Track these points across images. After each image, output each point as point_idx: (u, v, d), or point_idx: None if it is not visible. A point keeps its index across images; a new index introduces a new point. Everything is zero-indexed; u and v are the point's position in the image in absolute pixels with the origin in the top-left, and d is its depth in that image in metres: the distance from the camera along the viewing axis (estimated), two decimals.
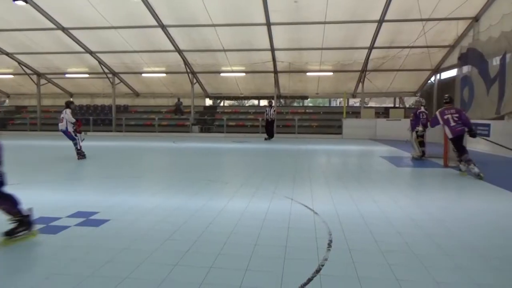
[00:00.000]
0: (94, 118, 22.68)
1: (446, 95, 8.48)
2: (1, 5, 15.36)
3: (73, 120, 10.08)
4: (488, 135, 12.27)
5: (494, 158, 10.13)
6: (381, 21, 15.20)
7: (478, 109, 13.84)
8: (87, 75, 22.35)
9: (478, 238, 3.76)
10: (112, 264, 3.07)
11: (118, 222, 4.21)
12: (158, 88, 23.76)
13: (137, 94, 24.78)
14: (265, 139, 17.24)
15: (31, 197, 5.40)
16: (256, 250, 3.38)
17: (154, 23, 16.28)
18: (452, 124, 7.61)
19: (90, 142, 13.84)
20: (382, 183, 6.82)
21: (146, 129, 21.97)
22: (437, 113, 8.02)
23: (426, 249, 3.43)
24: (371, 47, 17.29)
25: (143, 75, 22.05)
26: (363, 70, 19.34)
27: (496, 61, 12.63)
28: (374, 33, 16.15)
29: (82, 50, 19.13)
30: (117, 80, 22.37)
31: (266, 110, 17.43)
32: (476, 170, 7.03)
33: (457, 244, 3.57)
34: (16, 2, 14.31)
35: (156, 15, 15.81)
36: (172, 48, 18.48)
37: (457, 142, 7.61)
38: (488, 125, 12.36)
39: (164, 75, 21.92)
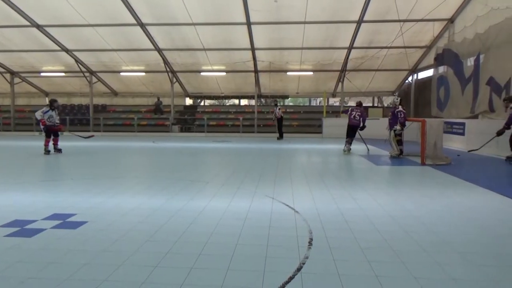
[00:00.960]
0: (71, 118, 22.17)
1: (358, 101, 12.22)
2: None
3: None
4: (463, 134, 12.63)
5: (469, 156, 10.42)
6: (360, 22, 15.42)
7: (454, 108, 14.22)
8: (63, 74, 21.83)
9: (454, 233, 3.86)
10: (90, 266, 3.00)
11: (97, 224, 4.12)
12: (137, 87, 23.43)
13: (115, 93, 24.37)
14: (278, 138, 17.24)
15: (5, 200, 5.24)
16: (237, 249, 3.38)
17: (133, 21, 16.04)
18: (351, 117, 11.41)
19: (67, 142, 13.52)
20: (361, 181, 6.92)
21: (125, 129, 21.62)
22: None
23: (404, 246, 3.50)
24: (350, 47, 17.51)
25: (121, 74, 21.69)
26: (343, 70, 19.57)
27: (470, 62, 13.01)
28: (353, 34, 16.36)
29: (57, 48, 18.67)
30: (94, 79, 21.94)
31: (275, 110, 17.39)
32: (345, 148, 11.44)
33: (434, 240, 3.65)
34: None
35: (135, 13, 15.58)
36: (151, 46, 18.25)
37: (352, 130, 11.50)
38: (463, 124, 12.73)
39: (143, 74, 21.62)
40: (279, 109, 17.32)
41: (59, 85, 23.48)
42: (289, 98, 27.55)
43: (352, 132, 11.47)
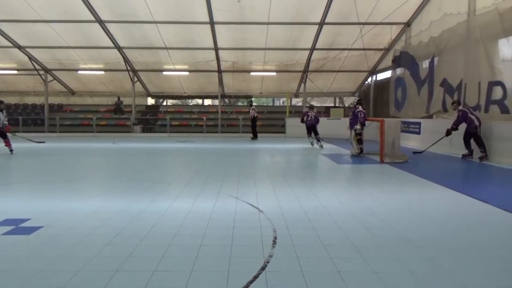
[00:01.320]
0: (24, 118, 21.04)
1: (310, 104, 13.08)
2: None
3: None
4: (419, 133, 13.21)
5: (425, 154, 10.89)
6: (322, 24, 15.72)
7: (410, 108, 14.83)
8: (15, 72, 20.70)
9: (412, 229, 4.02)
10: (46, 273, 2.86)
11: (53, 228, 3.94)
12: (96, 86, 22.63)
13: (72, 93, 23.43)
14: (252, 138, 17.35)
15: None
16: (201, 250, 3.34)
17: (91, 17, 15.48)
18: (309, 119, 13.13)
19: (20, 144, 12.84)
20: (323, 179, 7.06)
21: (83, 129, 20.84)
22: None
23: (365, 242, 3.60)
24: (313, 48, 17.82)
25: (79, 72, 20.86)
26: (305, 71, 19.89)
27: (425, 64, 13.61)
28: (315, 35, 16.66)
29: (9, 44, 17.69)
30: (50, 77, 20.97)
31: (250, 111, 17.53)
32: (311, 140, 13.40)
33: (393, 235, 3.78)
34: None
35: (93, 9, 15.04)
36: (111, 44, 17.69)
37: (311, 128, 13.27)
38: (419, 123, 13.31)
39: (103, 72, 20.92)
40: (253, 109, 17.41)
41: (11, 83, 22.26)
42: (253, 98, 27.64)
43: (311, 129, 13.30)
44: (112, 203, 5.07)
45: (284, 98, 23.60)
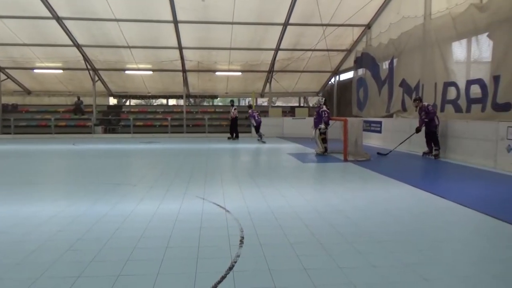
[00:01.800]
0: None
1: (248, 104, 13.63)
2: None
3: None
4: (380, 131, 13.65)
5: (386, 152, 11.27)
6: (285, 24, 15.90)
7: (372, 108, 15.30)
8: None
9: (374, 225, 4.15)
10: (2, 282, 2.72)
11: (8, 235, 3.75)
12: (54, 85, 21.68)
13: (28, 92, 22.33)
14: (228, 138, 17.51)
15: None
16: (167, 252, 3.29)
17: (48, 14, 14.82)
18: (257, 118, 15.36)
19: None
20: (289, 178, 7.14)
21: (41, 130, 19.91)
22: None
23: (330, 238, 3.68)
24: (277, 49, 17.98)
25: (35, 71, 19.91)
26: (270, 71, 20.04)
27: (385, 65, 14.08)
28: (280, 36, 16.82)
29: None
30: (3, 76, 19.87)
31: (230, 110, 17.71)
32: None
33: (357, 232, 3.89)
34: None
35: (50, 5, 14.41)
36: (69, 42, 17.02)
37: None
38: (380, 122, 13.76)
39: (61, 71, 20.08)
40: (234, 109, 17.51)
41: None
42: (218, 98, 27.52)
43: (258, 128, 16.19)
44: (73, 207, 4.88)
45: (250, 98, 23.65)
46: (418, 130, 9.97)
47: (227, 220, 4.27)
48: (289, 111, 22.41)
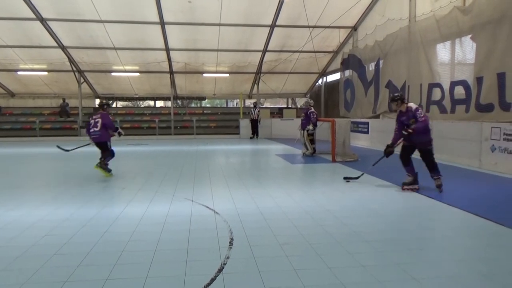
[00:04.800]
0: None
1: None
2: None
3: None
4: (367, 132, 13.78)
5: (374, 153, 11.38)
6: (273, 26, 15.94)
7: (359, 109, 15.44)
8: None
9: (363, 224, 4.19)
10: None
11: None
12: (39, 87, 21.31)
13: (12, 94, 21.91)
14: (250, 137, 18.32)
15: None
16: (156, 256, 3.26)
17: (31, 15, 14.57)
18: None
19: None
20: (278, 179, 7.15)
21: (25, 133, 19.53)
22: None
23: (319, 239, 3.70)
24: (265, 50, 18.02)
25: (19, 73, 19.55)
26: (258, 72, 20.06)
27: (371, 67, 14.23)
28: (267, 37, 16.86)
29: None
30: None
31: (251, 111, 18.67)
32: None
33: (346, 232, 3.92)
34: None
35: (33, 6, 14.17)
36: (54, 44, 16.76)
37: None
38: (367, 123, 13.89)
39: (46, 73, 19.74)
40: (258, 110, 18.37)
41: None
42: (206, 100, 27.43)
43: None
44: (60, 210, 4.81)
45: (238, 100, 23.64)
46: (389, 149, 6.31)
47: (216, 222, 4.26)
48: (277, 113, 22.46)
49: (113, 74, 20.07)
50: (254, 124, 18.52)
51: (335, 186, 6.44)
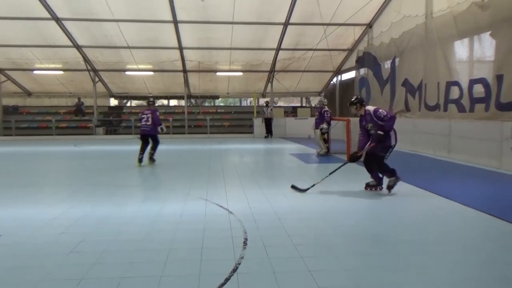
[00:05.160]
0: None
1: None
2: None
3: None
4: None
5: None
6: (286, 24, 15.86)
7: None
8: None
9: (379, 225, 4.11)
10: (4, 285, 2.68)
11: (10, 237, 3.72)
12: (54, 86, 21.66)
13: (29, 94, 22.31)
14: (265, 136, 18.26)
15: None
16: (171, 254, 3.25)
17: (47, 15, 14.79)
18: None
19: None
20: (292, 179, 7.08)
21: (42, 132, 19.90)
22: None
23: (334, 240, 3.64)
24: (278, 48, 17.94)
25: (35, 72, 19.89)
26: (271, 71, 20.00)
27: (387, 64, 14.02)
28: (281, 35, 16.79)
29: None
30: (3, 78, 19.86)
31: (264, 110, 18.56)
32: None
33: (361, 233, 3.85)
34: None
35: (48, 6, 14.38)
36: (69, 43, 16.99)
37: None
38: None
39: (61, 72, 20.06)
40: (270, 109, 18.38)
41: None
42: (220, 99, 27.51)
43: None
44: (75, 209, 4.85)
45: (251, 98, 23.63)
46: (355, 155, 5.90)
47: (230, 221, 4.23)
48: (291, 112, 22.36)
49: (127, 73, 20.27)
50: (268, 123, 18.47)
51: (350, 186, 6.34)
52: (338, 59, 19.07)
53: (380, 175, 5.81)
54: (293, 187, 5.88)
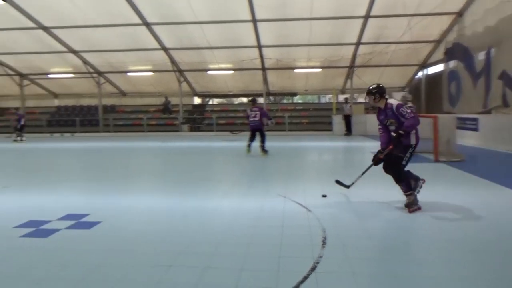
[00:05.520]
0: (80, 119, 22.35)
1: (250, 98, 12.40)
2: None
3: None
4: (476, 129, 12.36)
5: (484, 153, 10.25)
6: (367, 17, 15.27)
7: (466, 103, 14.01)
8: (71, 75, 21.95)
9: (463, 230, 3.79)
10: (105, 267, 3.01)
11: (110, 224, 4.14)
12: (145, 87, 23.50)
13: (123, 94, 24.48)
14: (345, 134, 18.06)
15: (18, 201, 5.29)
16: (250, 249, 3.36)
17: (138, 21, 16.07)
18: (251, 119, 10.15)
19: (75, 144, 13.63)
20: (373, 178, 6.83)
21: (134, 129, 21.74)
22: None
23: (419, 244, 3.45)
24: (358, 43, 17.36)
25: (128, 74, 21.76)
26: (351, 66, 19.43)
27: (481, 56, 12.79)
28: (361, 29, 16.22)
29: (64, 49, 18.78)
30: (102, 80, 22.05)
31: (343, 107, 18.55)
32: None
33: (449, 239, 3.58)
34: None
35: (140, 12, 15.60)
36: (157, 46, 18.29)
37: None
38: (476, 119, 12.52)
39: (151, 73, 21.68)
40: (350, 106, 18.20)
41: (68, 86, 23.66)
42: (298, 96, 27.46)
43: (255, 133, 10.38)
44: (165, 200, 5.25)
45: (330, 95, 23.21)
46: (376, 158, 5.06)
47: (308, 219, 4.23)
48: (372, 108, 21.50)
49: (209, 72, 21.18)
50: (348, 120, 17.94)
51: (437, 188, 5.93)
52: (423, 51, 17.87)
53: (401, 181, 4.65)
54: (337, 182, 5.41)
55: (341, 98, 22.23)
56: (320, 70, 20.20)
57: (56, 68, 21.33)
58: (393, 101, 4.76)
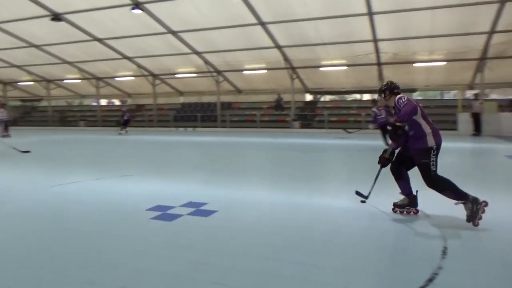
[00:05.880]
0: (201, 115, 24.30)
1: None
2: (121, 14, 17.24)
3: None
4: None
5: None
6: (503, 1, 13.34)
7: None
8: (194, 75, 23.96)
9: None
10: (220, 253, 3.22)
11: (225, 213, 4.43)
12: (259, 84, 24.40)
13: (239, 91, 25.81)
14: (473, 134, 16.27)
15: (148, 187, 6.00)
16: (361, 251, 3.25)
17: (254, 21, 16.71)
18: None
19: (197, 138, 14.84)
20: (507, 186, 6.00)
21: (248, 124, 22.78)
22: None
23: None
24: (491, 31, 15.30)
25: (244, 72, 22.83)
26: (482, 58, 17.25)
27: None
28: (495, 15, 14.24)
29: (189, 51, 20.56)
30: (221, 78, 23.57)
31: (472, 104, 16.72)
32: None
33: None
34: (133, 10, 16.17)
35: (256, 12, 16.19)
36: (271, 44, 18.79)
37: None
38: None
39: (265, 71, 22.41)
40: (480, 103, 16.35)
41: (192, 85, 25.90)
42: (417, 92, 25.47)
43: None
44: (275, 194, 5.42)
45: (455, 91, 20.99)
46: (382, 159, 4.62)
47: (426, 225, 3.92)
48: (508, 105, 18.81)
49: (321, 69, 20.99)
50: (477, 119, 16.04)
51: None
52: None
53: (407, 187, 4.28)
54: (357, 193, 4.74)
55: (469, 94, 19.90)
56: (443, 63, 18.39)
57: (182, 68, 23.55)
58: (401, 96, 4.23)
